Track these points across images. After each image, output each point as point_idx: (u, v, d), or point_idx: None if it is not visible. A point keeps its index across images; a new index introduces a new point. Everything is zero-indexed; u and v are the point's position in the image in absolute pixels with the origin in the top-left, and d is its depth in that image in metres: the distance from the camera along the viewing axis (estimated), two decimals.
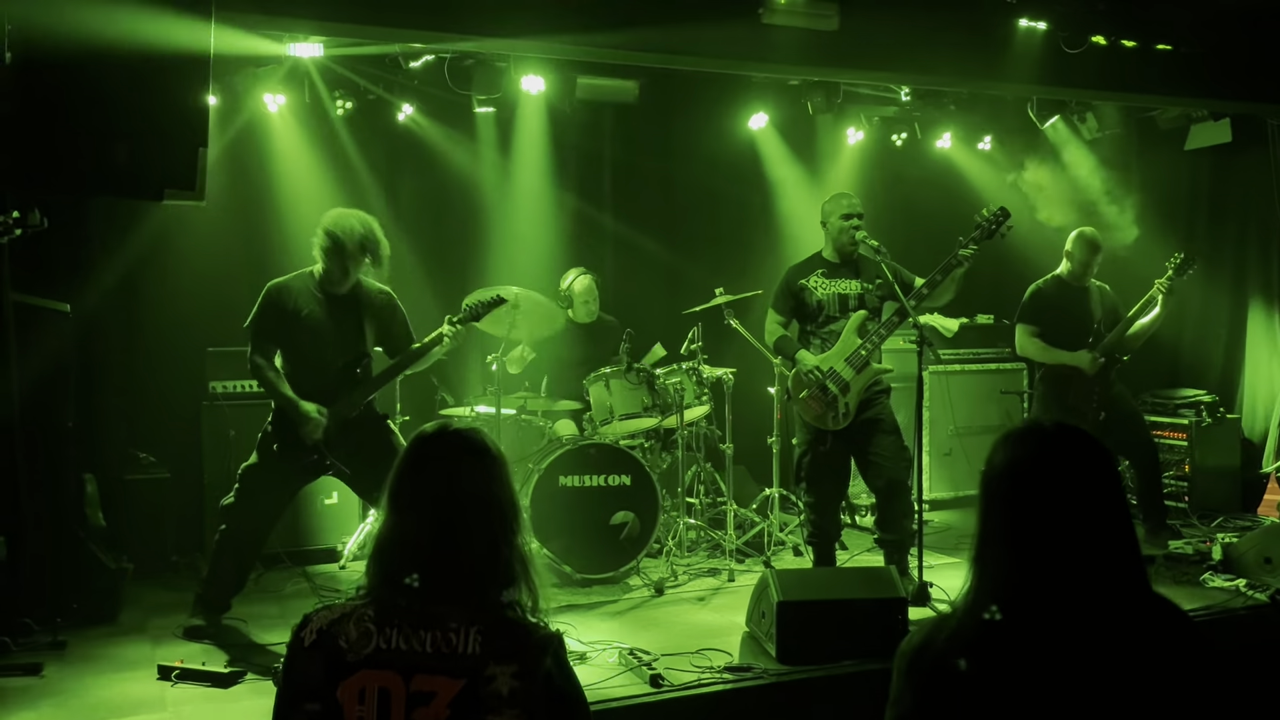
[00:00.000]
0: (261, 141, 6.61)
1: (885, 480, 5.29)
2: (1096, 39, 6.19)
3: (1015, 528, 1.80)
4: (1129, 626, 1.76)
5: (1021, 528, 1.79)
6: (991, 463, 1.87)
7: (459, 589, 1.93)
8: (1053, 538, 1.77)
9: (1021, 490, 1.81)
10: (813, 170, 7.95)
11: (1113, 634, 1.74)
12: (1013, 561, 1.79)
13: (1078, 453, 1.82)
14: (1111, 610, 1.75)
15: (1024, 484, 1.81)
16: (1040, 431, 1.86)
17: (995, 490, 1.85)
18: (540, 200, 7.29)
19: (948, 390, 7.36)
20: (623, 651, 4.38)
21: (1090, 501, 1.79)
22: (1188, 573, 5.60)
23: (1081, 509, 1.78)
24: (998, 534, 1.82)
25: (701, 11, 5.54)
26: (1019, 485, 1.82)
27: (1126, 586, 1.78)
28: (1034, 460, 1.83)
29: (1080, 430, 1.86)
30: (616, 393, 5.81)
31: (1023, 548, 1.78)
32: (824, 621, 4.32)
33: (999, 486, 1.84)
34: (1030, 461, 1.83)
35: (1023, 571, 1.77)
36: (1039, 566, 1.77)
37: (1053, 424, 1.87)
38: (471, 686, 1.84)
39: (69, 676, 4.30)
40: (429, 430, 2.08)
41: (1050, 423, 1.88)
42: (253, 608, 5.12)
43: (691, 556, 6.10)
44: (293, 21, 5.23)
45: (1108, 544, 1.79)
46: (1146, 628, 1.77)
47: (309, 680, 1.89)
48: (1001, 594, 1.78)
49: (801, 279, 5.50)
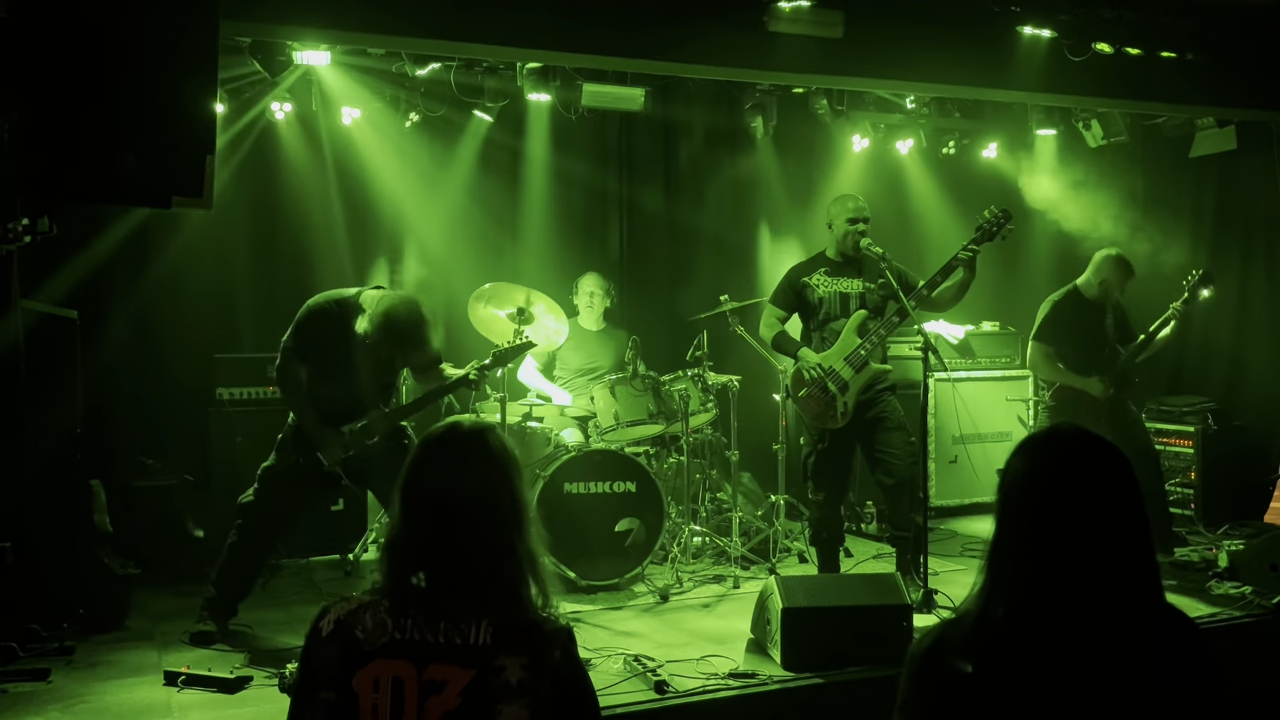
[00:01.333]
0: (269, 149, 6.64)
1: (895, 477, 5.31)
2: (1101, 46, 6.18)
3: (1032, 534, 1.79)
4: (1138, 636, 1.75)
5: (1038, 535, 1.79)
6: (1010, 468, 1.86)
7: (469, 586, 1.96)
8: (1068, 545, 1.76)
9: (1040, 497, 1.81)
10: (818, 177, 7.96)
11: (1122, 643, 1.74)
12: (1027, 568, 1.78)
13: (1097, 461, 1.82)
14: (1122, 619, 1.75)
15: (1042, 491, 1.81)
16: (1060, 438, 1.85)
17: (1013, 496, 1.84)
18: (546, 207, 7.31)
19: (953, 397, 7.35)
20: (627, 658, 4.39)
21: (1108, 510, 1.79)
22: (1194, 580, 5.60)
23: (1099, 518, 1.77)
24: (1014, 540, 1.82)
25: (707, 19, 5.55)
26: (1037, 492, 1.81)
27: (1139, 596, 1.78)
28: (1053, 467, 1.82)
29: (1100, 438, 1.85)
30: (622, 399, 5.82)
31: (1038, 554, 1.78)
32: (829, 628, 4.31)
33: (1017, 492, 1.84)
34: (1050, 469, 1.82)
35: (1036, 578, 1.77)
36: (1053, 573, 1.76)
37: (1073, 431, 1.86)
38: (482, 676, 1.88)
39: (76, 682, 4.31)
40: (439, 430, 2.10)
41: (1071, 429, 1.87)
42: (259, 613, 5.13)
43: (697, 563, 6.10)
44: (300, 30, 5.25)
45: (1123, 553, 1.78)
46: (1155, 638, 1.77)
47: (326, 669, 1.94)
48: (1014, 599, 1.78)
49: (805, 276, 5.52)
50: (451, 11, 5.18)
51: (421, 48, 5.83)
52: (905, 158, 8.13)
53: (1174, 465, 7.23)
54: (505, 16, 5.26)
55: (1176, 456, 7.26)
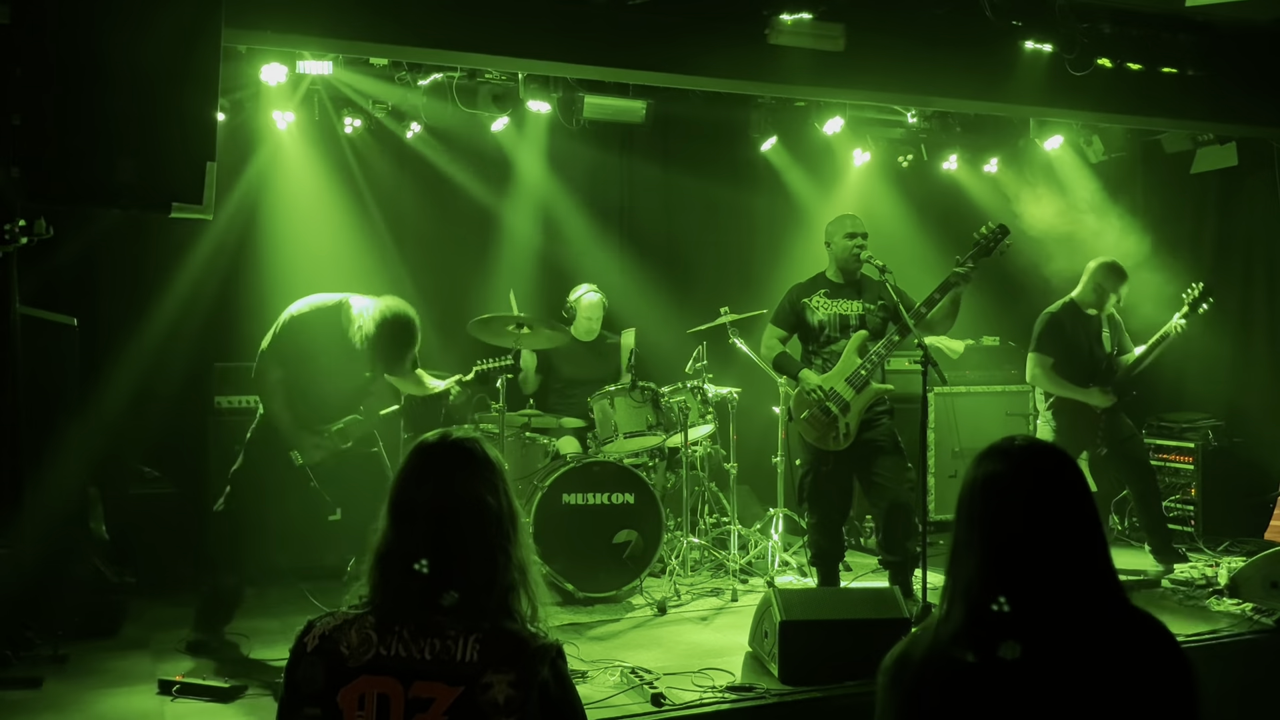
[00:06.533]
0: (270, 158, 6.64)
1: (887, 501, 5.28)
2: (1102, 61, 6.18)
3: (985, 540, 1.85)
4: (1103, 638, 1.78)
5: (991, 540, 1.84)
6: (965, 478, 1.93)
7: (458, 599, 1.94)
8: (1021, 550, 1.82)
9: (990, 503, 1.87)
10: (819, 191, 7.96)
11: (1087, 645, 1.76)
12: (983, 574, 1.83)
13: (1045, 467, 1.88)
14: (1084, 622, 1.78)
15: (993, 497, 1.87)
16: (1010, 447, 1.92)
17: (967, 503, 1.90)
18: (546, 218, 7.32)
19: (952, 412, 7.34)
20: (624, 670, 4.37)
21: (1058, 514, 1.84)
22: (1194, 597, 5.58)
23: (1050, 522, 1.83)
24: (969, 546, 1.87)
25: (708, 32, 5.56)
26: (988, 498, 1.87)
27: (1098, 599, 1.81)
28: (1002, 474, 1.88)
29: (1050, 446, 1.94)
30: (620, 410, 5.81)
31: (992, 560, 1.83)
32: (827, 642, 4.30)
33: (970, 500, 1.90)
34: (998, 475, 1.88)
35: (993, 583, 1.81)
36: (1008, 579, 1.80)
37: (1024, 440, 1.94)
38: (469, 694, 1.85)
39: (69, 690, 4.29)
40: (428, 440, 2.08)
41: (1022, 439, 1.94)
42: (254, 623, 5.11)
43: (695, 576, 6.09)
44: (303, 38, 5.26)
45: (1076, 556, 1.82)
46: (1122, 640, 1.79)
47: (310, 685, 1.91)
48: (973, 606, 1.82)
49: (805, 297, 5.51)
50: (452, 21, 5.19)
51: (422, 57, 5.84)
52: (906, 171, 8.13)
53: (1174, 481, 7.21)
54: (506, 27, 5.27)
55: (1177, 473, 7.24)
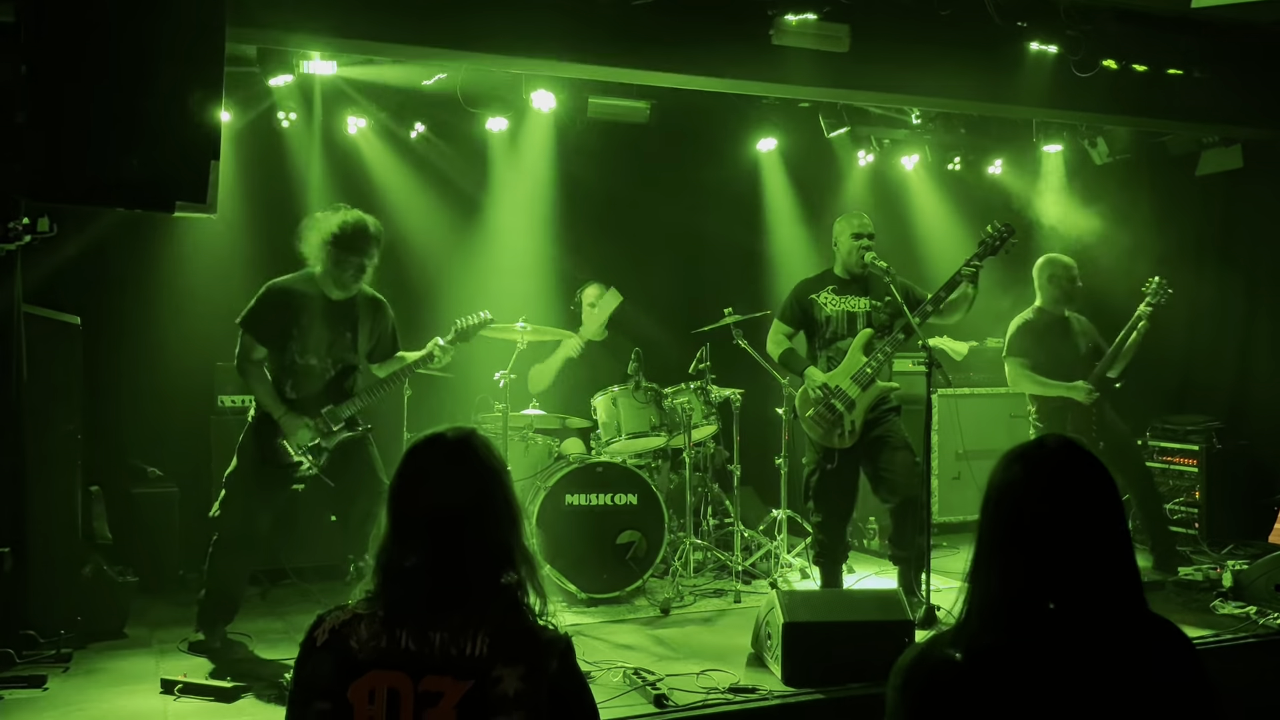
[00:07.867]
0: (274, 157, 6.63)
1: (899, 497, 5.28)
2: (1108, 63, 6.18)
3: (1011, 545, 1.80)
4: (1124, 645, 1.75)
5: (1017, 545, 1.79)
6: (992, 480, 1.87)
7: (464, 594, 1.93)
8: (1047, 555, 1.77)
9: (1017, 508, 1.81)
10: (823, 192, 7.96)
11: (1107, 652, 1.73)
12: (1007, 579, 1.79)
13: (1076, 471, 1.82)
14: (1106, 628, 1.75)
15: (1021, 501, 1.81)
16: (1041, 449, 1.86)
17: (993, 507, 1.85)
18: (551, 218, 7.31)
19: (956, 413, 7.32)
20: (627, 671, 4.37)
21: (1086, 520, 1.79)
22: (1198, 599, 5.57)
23: (1077, 527, 1.78)
24: (994, 551, 1.82)
25: (712, 32, 5.55)
26: (1016, 502, 1.82)
27: (1121, 605, 1.78)
28: (1032, 478, 1.82)
29: (1082, 448, 1.85)
30: (624, 411, 5.81)
31: (1018, 565, 1.78)
32: (830, 643, 4.29)
33: (997, 503, 1.84)
34: (1028, 479, 1.82)
35: (1018, 589, 1.77)
36: (1033, 584, 1.76)
37: (1056, 441, 1.87)
38: (479, 688, 1.85)
39: (72, 690, 4.30)
40: (425, 438, 2.08)
41: (1056, 441, 1.87)
42: (257, 623, 5.12)
43: (698, 577, 6.07)
44: (308, 38, 5.25)
45: (1103, 563, 1.78)
46: (1142, 647, 1.77)
47: (320, 679, 1.91)
48: (996, 611, 1.78)
49: (812, 293, 5.50)
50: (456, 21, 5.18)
51: (426, 56, 5.83)
52: (910, 173, 8.13)
53: (1178, 484, 7.19)
54: (510, 27, 5.26)
55: (1181, 475, 7.22)
